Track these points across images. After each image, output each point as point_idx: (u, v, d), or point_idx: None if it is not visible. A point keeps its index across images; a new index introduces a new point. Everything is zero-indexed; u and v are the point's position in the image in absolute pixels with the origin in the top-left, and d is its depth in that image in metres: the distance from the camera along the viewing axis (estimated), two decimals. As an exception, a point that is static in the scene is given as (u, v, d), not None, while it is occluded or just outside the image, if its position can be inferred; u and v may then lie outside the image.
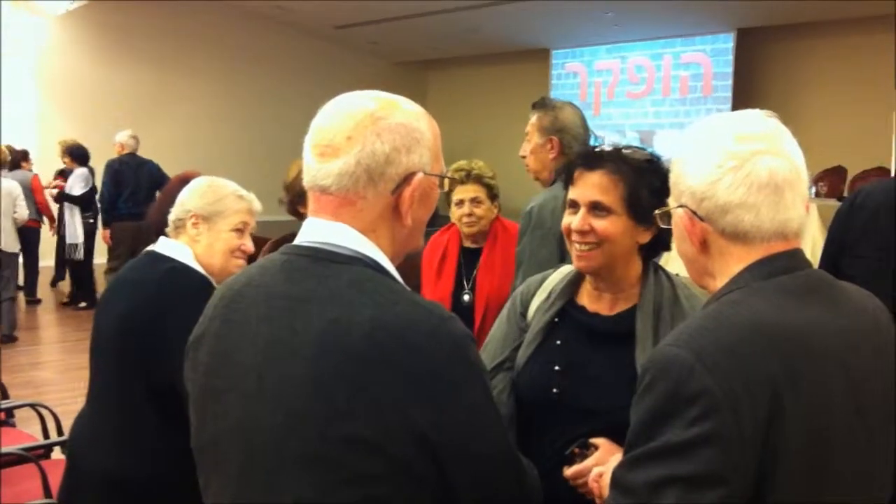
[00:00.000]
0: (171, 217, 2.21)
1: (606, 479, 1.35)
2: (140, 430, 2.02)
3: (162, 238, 2.23)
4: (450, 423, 1.10)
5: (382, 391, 1.07)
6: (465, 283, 3.16)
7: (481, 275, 3.13)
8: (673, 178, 1.25)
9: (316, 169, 1.21)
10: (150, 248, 2.24)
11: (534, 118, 2.93)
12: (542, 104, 2.93)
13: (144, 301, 2.04)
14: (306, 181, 1.23)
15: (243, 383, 1.16)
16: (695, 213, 1.20)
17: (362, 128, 1.19)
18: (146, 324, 2.00)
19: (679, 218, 1.24)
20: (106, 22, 11.81)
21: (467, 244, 3.23)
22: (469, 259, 3.19)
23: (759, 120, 1.21)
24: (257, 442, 1.14)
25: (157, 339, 1.96)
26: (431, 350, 1.10)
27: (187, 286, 2.05)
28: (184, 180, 2.53)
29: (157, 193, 8.24)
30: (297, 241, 1.24)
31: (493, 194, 3.17)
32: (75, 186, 8.56)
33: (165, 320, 1.96)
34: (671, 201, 1.27)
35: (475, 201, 3.12)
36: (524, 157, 2.98)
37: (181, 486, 1.87)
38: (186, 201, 2.21)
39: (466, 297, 3.12)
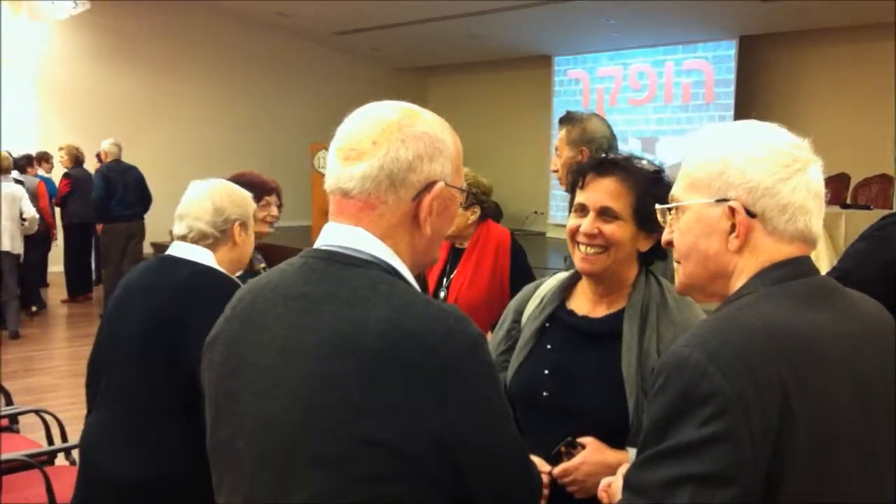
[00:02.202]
0: (210, 228, 2.24)
1: (616, 487, 1.35)
2: (163, 432, 2.03)
3: (177, 243, 2.25)
4: (469, 422, 1.12)
5: (398, 391, 1.08)
6: (444, 281, 3.26)
7: (455, 276, 3.23)
8: (710, 173, 1.23)
9: (339, 172, 1.22)
10: (168, 252, 2.28)
11: (562, 132, 2.95)
12: (569, 118, 2.95)
13: (170, 302, 2.06)
14: (328, 184, 1.25)
15: (259, 383, 1.18)
16: (746, 208, 1.20)
17: (388, 134, 1.21)
18: (173, 325, 2.02)
19: (713, 213, 1.23)
20: (107, 27, 11.83)
21: (458, 245, 3.30)
22: (455, 260, 3.28)
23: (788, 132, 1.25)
24: (272, 441, 1.15)
25: (186, 340, 1.97)
26: (448, 350, 1.11)
27: (215, 286, 2.08)
28: (241, 180, 2.60)
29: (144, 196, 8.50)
30: (315, 245, 1.26)
31: (470, 201, 3.20)
32: None
33: (195, 321, 1.96)
34: (692, 197, 1.25)
35: None
36: (556, 170, 2.98)
37: (205, 487, 1.90)
38: (226, 209, 2.27)
39: (442, 295, 3.22)
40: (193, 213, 2.25)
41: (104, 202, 8.34)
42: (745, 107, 11.00)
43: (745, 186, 1.19)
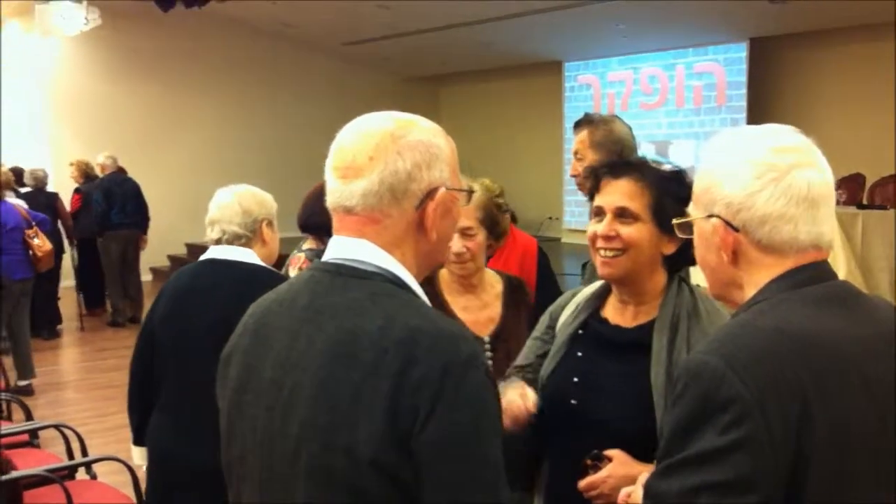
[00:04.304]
0: (241, 230, 2.44)
1: (636, 496, 1.34)
2: None
3: (215, 247, 2.44)
4: (446, 441, 1.07)
5: (380, 401, 1.07)
6: None
7: None
8: (701, 188, 1.25)
9: (340, 190, 1.22)
10: (208, 256, 2.45)
11: (582, 135, 2.78)
12: (589, 120, 2.82)
13: (237, 299, 2.15)
14: (330, 202, 1.25)
15: (266, 397, 1.19)
16: (728, 223, 1.20)
17: (383, 147, 1.20)
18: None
19: (707, 228, 1.24)
20: (117, 42, 11.91)
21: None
22: None
23: (791, 134, 1.22)
24: (276, 454, 1.16)
25: None
26: (433, 364, 1.08)
27: (278, 280, 2.20)
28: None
29: (141, 205, 8.80)
30: (323, 259, 1.26)
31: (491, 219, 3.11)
32: None
33: None
34: (694, 211, 1.28)
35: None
36: (575, 175, 2.80)
37: None
38: (253, 211, 2.47)
39: None
40: (226, 217, 2.43)
41: (105, 213, 8.60)
42: (758, 109, 10.96)
43: (724, 202, 1.21)
